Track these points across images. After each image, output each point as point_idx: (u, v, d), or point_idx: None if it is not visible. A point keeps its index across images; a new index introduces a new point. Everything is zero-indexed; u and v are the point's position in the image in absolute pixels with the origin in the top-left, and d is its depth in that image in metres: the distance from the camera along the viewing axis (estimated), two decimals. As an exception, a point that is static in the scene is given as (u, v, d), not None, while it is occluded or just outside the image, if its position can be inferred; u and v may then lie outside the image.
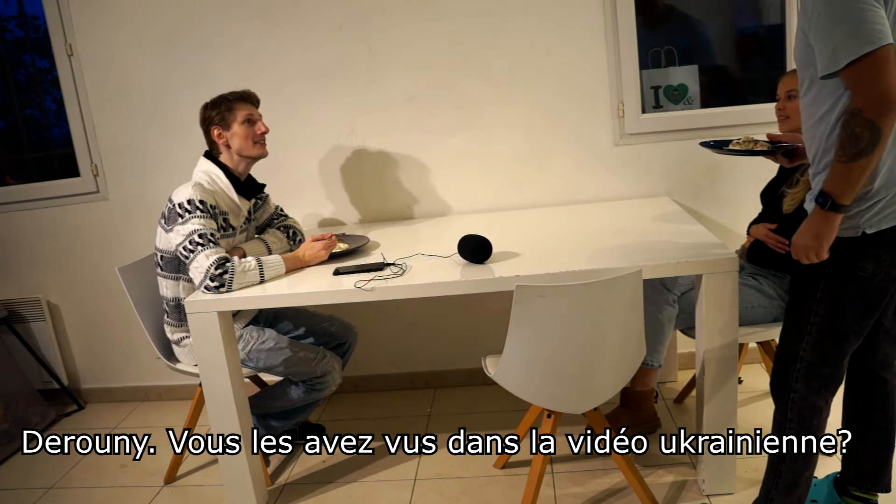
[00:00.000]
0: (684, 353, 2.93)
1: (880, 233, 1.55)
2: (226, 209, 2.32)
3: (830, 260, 1.61)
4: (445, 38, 2.77)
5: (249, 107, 2.34)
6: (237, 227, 2.38)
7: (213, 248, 2.17)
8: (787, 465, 1.77)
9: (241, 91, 2.35)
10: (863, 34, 1.40)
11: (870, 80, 1.41)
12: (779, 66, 2.74)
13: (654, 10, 2.86)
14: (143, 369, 3.27)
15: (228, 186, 2.33)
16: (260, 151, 2.36)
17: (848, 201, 1.51)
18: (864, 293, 1.61)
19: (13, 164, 3.29)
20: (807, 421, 1.74)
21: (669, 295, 2.29)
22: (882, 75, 1.40)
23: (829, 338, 1.68)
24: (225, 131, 2.31)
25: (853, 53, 1.41)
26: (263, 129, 2.35)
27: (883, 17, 1.41)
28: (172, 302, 2.38)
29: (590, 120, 2.80)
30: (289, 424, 2.58)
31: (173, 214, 2.22)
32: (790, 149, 1.90)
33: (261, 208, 2.57)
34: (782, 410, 1.78)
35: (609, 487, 2.24)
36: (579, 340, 1.82)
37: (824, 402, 1.74)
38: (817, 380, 1.71)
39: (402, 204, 2.97)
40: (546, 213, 2.75)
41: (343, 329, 2.59)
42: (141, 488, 2.57)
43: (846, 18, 1.41)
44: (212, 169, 2.33)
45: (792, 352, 1.73)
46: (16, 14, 3.10)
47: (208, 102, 2.34)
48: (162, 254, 2.34)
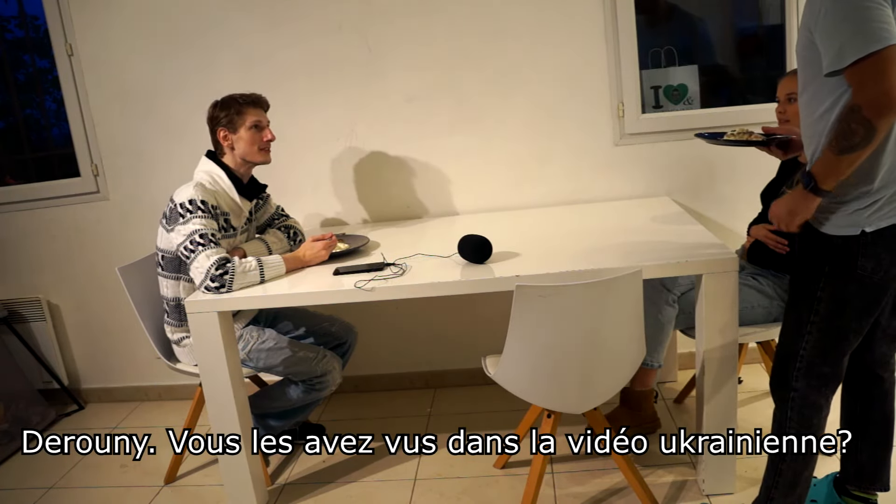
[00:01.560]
0: (684, 353, 2.93)
1: (880, 231, 1.56)
2: (227, 210, 2.32)
3: (830, 259, 1.62)
4: (446, 38, 2.77)
5: (259, 112, 2.33)
6: (238, 228, 2.38)
7: (213, 248, 2.16)
8: (787, 464, 1.77)
9: (253, 95, 2.34)
10: (869, 33, 1.40)
11: (873, 78, 1.42)
12: (779, 66, 2.74)
13: (655, 9, 2.86)
14: (143, 369, 3.27)
15: (231, 187, 2.32)
16: (264, 158, 2.36)
17: (830, 188, 1.55)
18: (864, 292, 1.62)
19: (13, 164, 3.29)
20: (807, 420, 1.74)
21: (669, 295, 2.28)
22: (885, 75, 1.41)
23: (829, 336, 1.68)
24: (231, 134, 2.31)
25: (859, 52, 1.41)
26: (270, 137, 2.35)
27: (889, 17, 1.41)
28: (173, 302, 2.38)
29: (590, 120, 2.80)
30: (288, 424, 2.58)
31: (174, 214, 2.22)
32: (784, 140, 1.90)
33: (262, 208, 2.57)
34: (782, 409, 1.78)
35: (609, 487, 2.24)
36: (579, 340, 1.82)
37: (824, 400, 1.74)
38: (817, 378, 1.71)
39: (402, 204, 2.97)
40: (546, 213, 2.75)
41: (343, 329, 2.59)
42: (141, 488, 2.57)
43: (853, 17, 1.42)
44: (214, 169, 2.33)
45: (792, 351, 1.73)
46: (16, 14, 3.10)
47: (218, 101, 2.33)
48: (163, 253, 2.34)
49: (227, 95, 2.33)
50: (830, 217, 1.61)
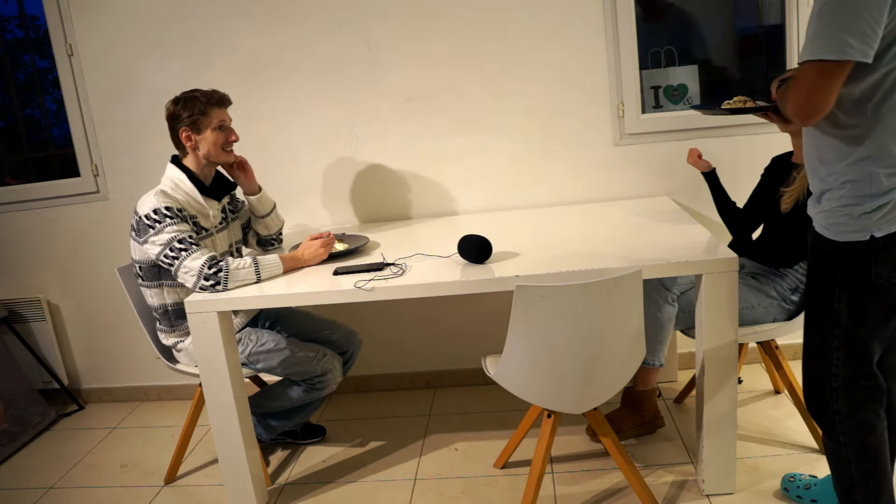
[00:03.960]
0: (684, 353, 2.93)
1: (891, 235, 1.52)
2: (193, 213, 2.27)
3: (842, 267, 1.58)
4: (445, 38, 2.77)
5: (223, 112, 2.28)
6: (210, 229, 2.34)
7: (198, 250, 2.14)
8: (860, 494, 1.65)
9: (216, 94, 2.27)
10: (834, 41, 1.37)
11: (802, 84, 1.42)
12: (779, 66, 2.74)
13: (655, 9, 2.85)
14: (143, 369, 3.27)
15: (192, 190, 2.27)
16: (227, 158, 2.32)
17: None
18: (883, 298, 1.56)
19: (13, 164, 3.29)
20: (861, 441, 1.62)
21: (669, 294, 2.29)
22: (817, 86, 1.40)
23: (856, 349, 1.60)
24: (195, 134, 2.25)
25: (811, 55, 1.40)
26: (235, 138, 2.31)
27: (867, 35, 1.36)
28: (160, 309, 2.36)
29: (590, 120, 2.80)
30: (289, 424, 2.57)
31: (143, 226, 2.17)
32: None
33: (240, 206, 2.55)
34: (832, 436, 1.67)
35: (609, 487, 2.24)
36: (579, 340, 1.82)
37: (874, 415, 1.62)
38: (859, 394, 1.62)
39: (402, 204, 2.97)
40: (546, 213, 2.75)
41: (345, 337, 2.56)
42: (141, 488, 2.57)
43: (838, 17, 1.38)
44: (175, 174, 2.28)
45: (823, 370, 1.65)
46: (16, 14, 3.09)
47: (179, 98, 2.25)
48: (140, 265, 2.31)
49: (187, 92, 2.26)
50: (836, 223, 1.57)
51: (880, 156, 1.49)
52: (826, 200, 1.60)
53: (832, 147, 1.55)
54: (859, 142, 1.50)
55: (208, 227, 2.33)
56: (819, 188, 1.62)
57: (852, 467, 1.66)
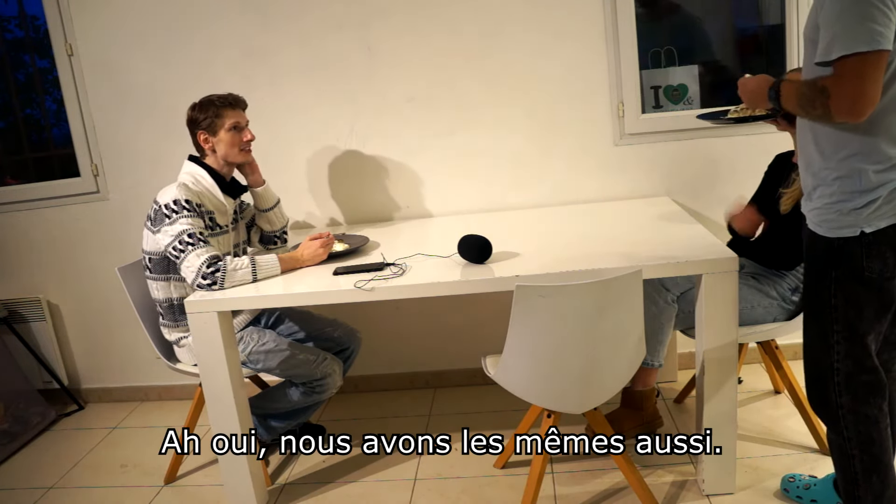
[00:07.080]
0: (684, 353, 2.93)
1: (881, 231, 1.54)
2: (211, 208, 2.32)
3: (834, 262, 1.59)
4: (446, 38, 2.77)
5: (238, 113, 2.34)
6: (224, 226, 2.38)
7: (203, 247, 2.17)
8: (863, 490, 1.66)
9: (231, 96, 2.34)
10: (861, 32, 1.38)
11: (849, 79, 1.41)
12: (779, 66, 2.74)
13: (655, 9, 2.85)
14: (143, 369, 3.27)
15: (213, 185, 2.33)
16: (244, 158, 2.38)
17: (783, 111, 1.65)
18: (878, 293, 1.58)
19: (13, 164, 3.29)
20: (866, 435, 1.64)
21: (668, 294, 2.28)
22: (862, 79, 1.39)
23: (856, 343, 1.61)
24: (211, 137, 2.31)
25: (845, 49, 1.40)
26: (250, 137, 2.36)
27: (889, 22, 1.39)
28: (165, 303, 2.37)
29: (590, 120, 2.80)
30: (289, 425, 2.57)
31: (160, 216, 2.22)
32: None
33: (246, 207, 2.59)
34: (836, 430, 1.68)
35: (609, 487, 2.24)
36: (579, 340, 1.82)
37: (877, 409, 1.63)
38: (862, 388, 1.63)
39: (402, 204, 2.97)
40: (546, 213, 2.75)
41: (346, 335, 2.58)
42: (141, 488, 2.57)
43: (853, 11, 1.39)
44: (196, 170, 2.33)
45: (825, 366, 1.66)
46: (16, 14, 3.09)
47: (196, 104, 2.33)
48: (150, 256, 2.33)
49: (204, 97, 2.33)
50: (827, 219, 1.59)
51: (870, 152, 1.51)
52: (817, 197, 1.62)
53: (829, 140, 1.56)
54: (851, 137, 1.52)
55: (223, 224, 2.37)
56: (811, 184, 1.63)
57: (856, 462, 1.67)
